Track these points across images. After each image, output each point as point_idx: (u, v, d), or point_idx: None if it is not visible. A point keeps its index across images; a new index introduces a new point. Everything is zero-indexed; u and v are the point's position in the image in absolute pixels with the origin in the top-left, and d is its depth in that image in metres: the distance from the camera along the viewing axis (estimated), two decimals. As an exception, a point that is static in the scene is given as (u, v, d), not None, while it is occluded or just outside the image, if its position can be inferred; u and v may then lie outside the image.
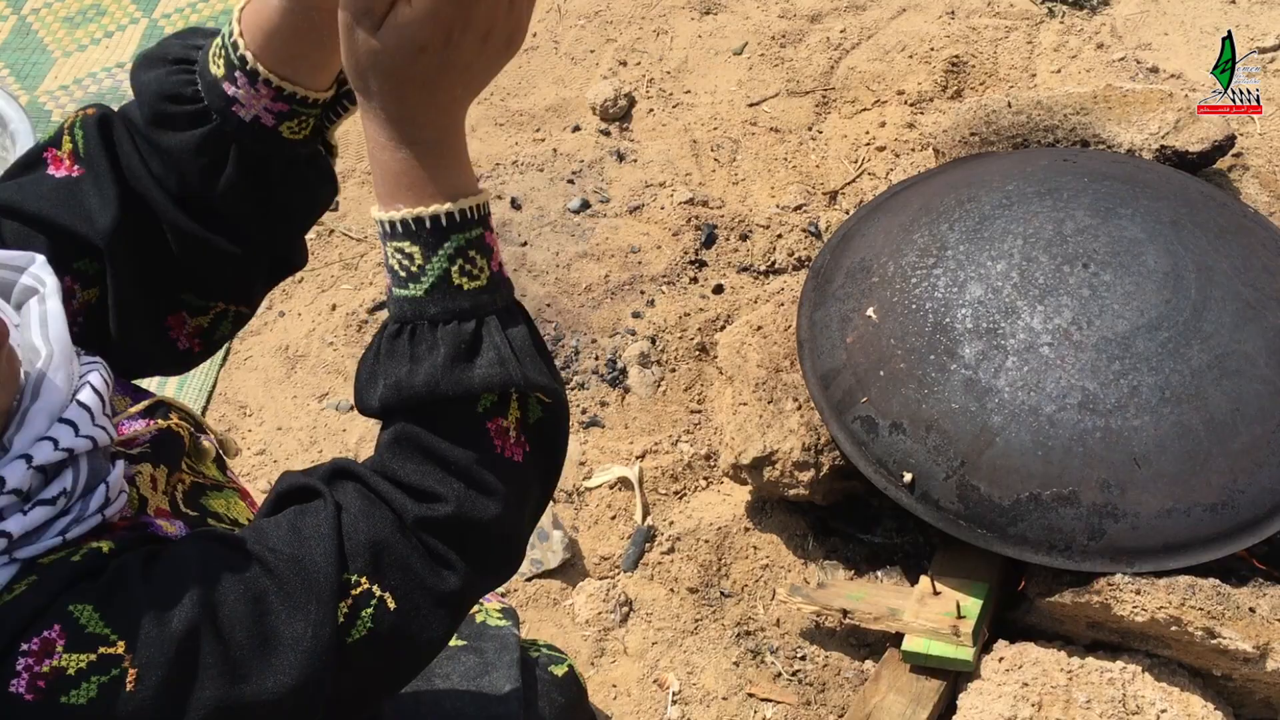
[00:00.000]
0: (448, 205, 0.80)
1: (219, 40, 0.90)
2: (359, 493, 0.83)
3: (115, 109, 0.95)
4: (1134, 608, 1.60)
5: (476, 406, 0.82)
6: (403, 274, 0.81)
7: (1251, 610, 1.58)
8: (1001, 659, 1.70)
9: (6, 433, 0.76)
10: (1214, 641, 1.57)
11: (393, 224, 0.80)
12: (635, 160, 2.59)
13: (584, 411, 2.22)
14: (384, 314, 2.50)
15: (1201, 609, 1.57)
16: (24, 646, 0.72)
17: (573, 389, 2.25)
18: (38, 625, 0.72)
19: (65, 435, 0.77)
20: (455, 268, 0.80)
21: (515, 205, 2.54)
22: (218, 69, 0.90)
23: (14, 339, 0.77)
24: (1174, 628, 1.59)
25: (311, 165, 0.98)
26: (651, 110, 2.69)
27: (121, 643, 0.73)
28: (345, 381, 2.34)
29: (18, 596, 0.73)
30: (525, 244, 2.47)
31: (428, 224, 0.79)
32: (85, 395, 0.80)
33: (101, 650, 0.73)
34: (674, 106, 2.69)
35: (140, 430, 0.91)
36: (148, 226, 0.93)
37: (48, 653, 0.72)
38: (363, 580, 0.80)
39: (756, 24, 2.80)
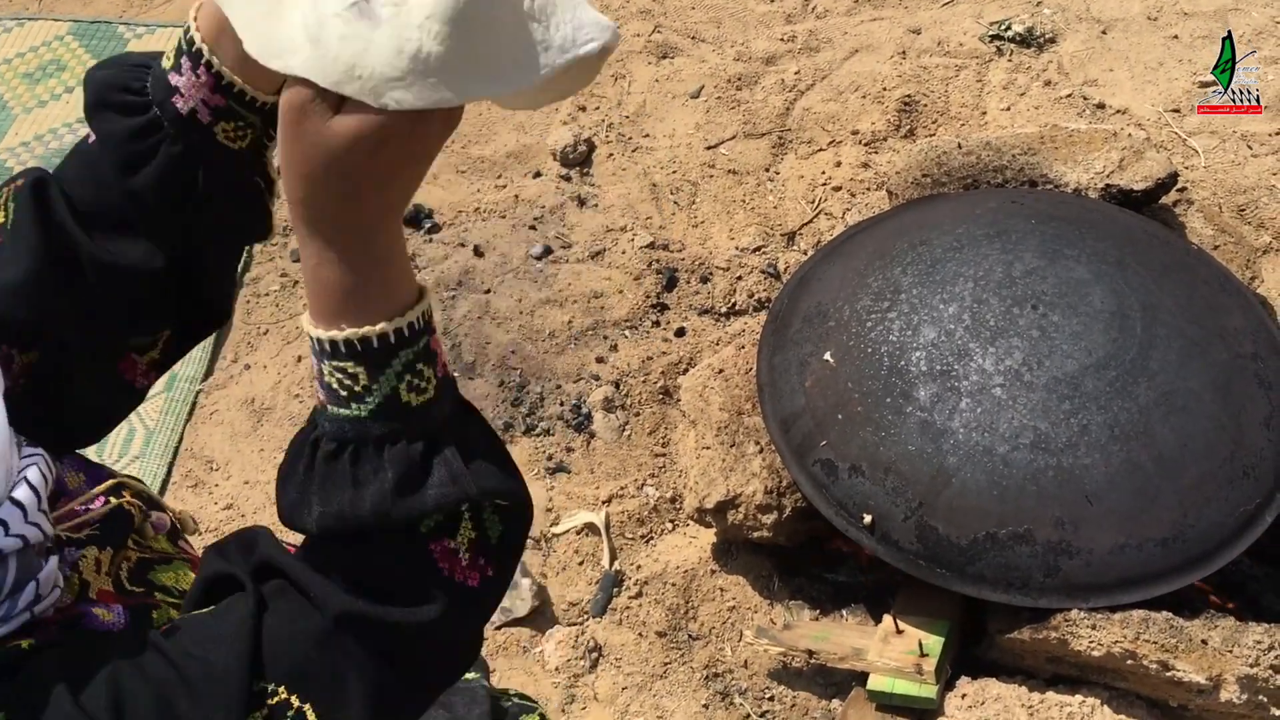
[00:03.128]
0: (395, 323, 0.74)
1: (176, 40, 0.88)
2: (286, 592, 0.78)
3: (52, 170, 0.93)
4: (1090, 642, 1.63)
5: (419, 528, 0.76)
6: (344, 394, 0.74)
7: (1204, 642, 1.61)
8: (964, 695, 1.73)
9: None
10: (1168, 674, 1.61)
11: (334, 344, 0.74)
12: (596, 205, 2.63)
13: (550, 458, 2.24)
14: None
15: (1155, 642, 1.61)
16: None
17: (538, 435, 2.27)
18: None
19: (7, 527, 0.73)
20: (403, 385, 0.75)
21: (478, 253, 2.56)
22: (168, 62, 0.87)
23: None
24: (1129, 661, 1.62)
25: (244, 187, 0.92)
26: (611, 155, 2.73)
27: None
28: (312, 433, 2.36)
29: None
30: (489, 291, 2.50)
31: (375, 343, 0.74)
32: (20, 492, 0.75)
33: None
34: (633, 151, 2.73)
35: (93, 512, 0.89)
36: (78, 284, 0.89)
37: None
38: (280, 690, 0.75)
39: (712, 67, 2.85)
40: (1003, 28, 2.80)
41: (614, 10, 3.02)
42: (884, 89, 2.71)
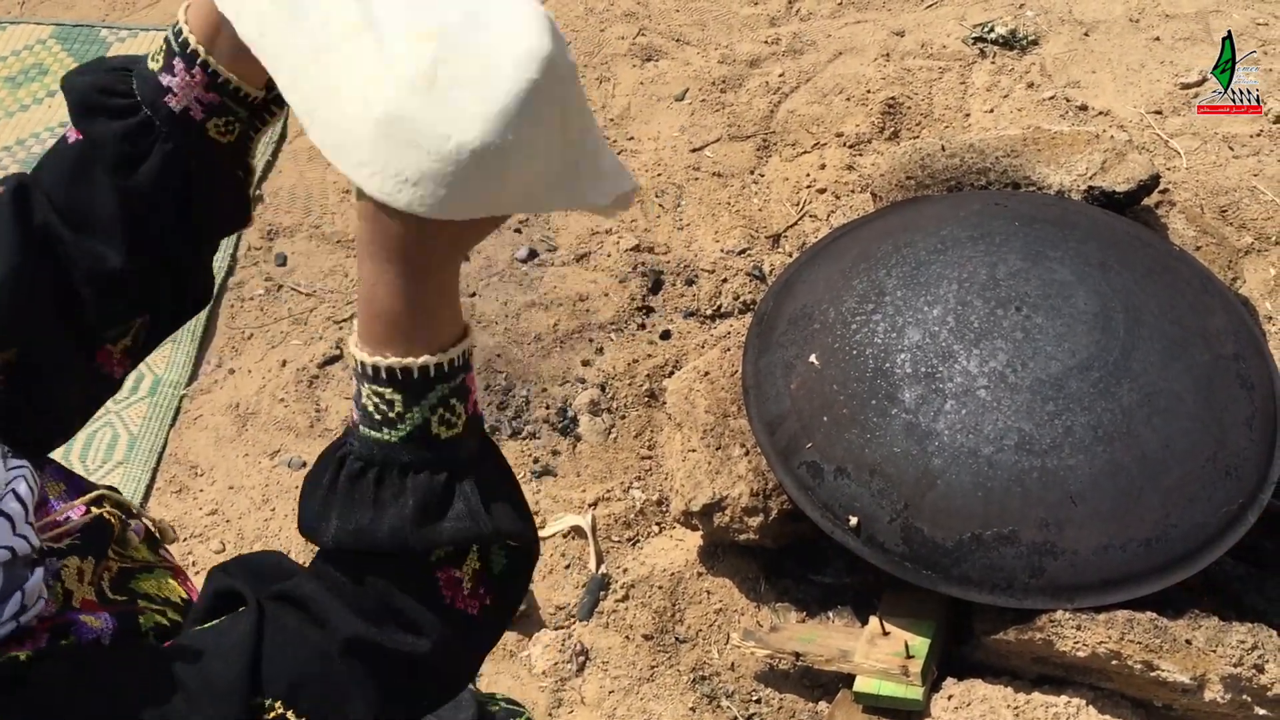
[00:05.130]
0: (439, 357, 0.76)
1: (161, 43, 0.91)
2: (289, 609, 0.81)
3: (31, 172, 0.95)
4: (1075, 643, 1.64)
5: (429, 556, 0.79)
6: (377, 417, 0.77)
7: (1188, 642, 1.62)
8: (950, 697, 1.74)
9: None
10: (1153, 674, 1.62)
11: (376, 369, 0.76)
12: (581, 208, 2.63)
13: (536, 461, 2.24)
14: (335, 369, 2.48)
15: (1140, 642, 1.62)
16: None
17: (524, 439, 2.27)
18: None
19: None
20: (435, 418, 0.77)
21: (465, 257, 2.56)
22: (156, 64, 0.90)
23: None
24: (1114, 661, 1.63)
25: (229, 177, 0.96)
26: (596, 158, 2.72)
27: None
28: (297, 438, 2.35)
29: None
30: (474, 294, 2.50)
31: (415, 374, 0.76)
32: (8, 504, 0.77)
33: None
34: (618, 153, 2.73)
35: (74, 521, 0.90)
36: (59, 282, 0.92)
37: None
38: (277, 705, 0.77)
39: (697, 70, 2.85)
40: (986, 30, 2.81)
41: (598, 13, 3.02)
42: (868, 91, 2.71)
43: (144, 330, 0.99)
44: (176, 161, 0.91)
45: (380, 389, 0.76)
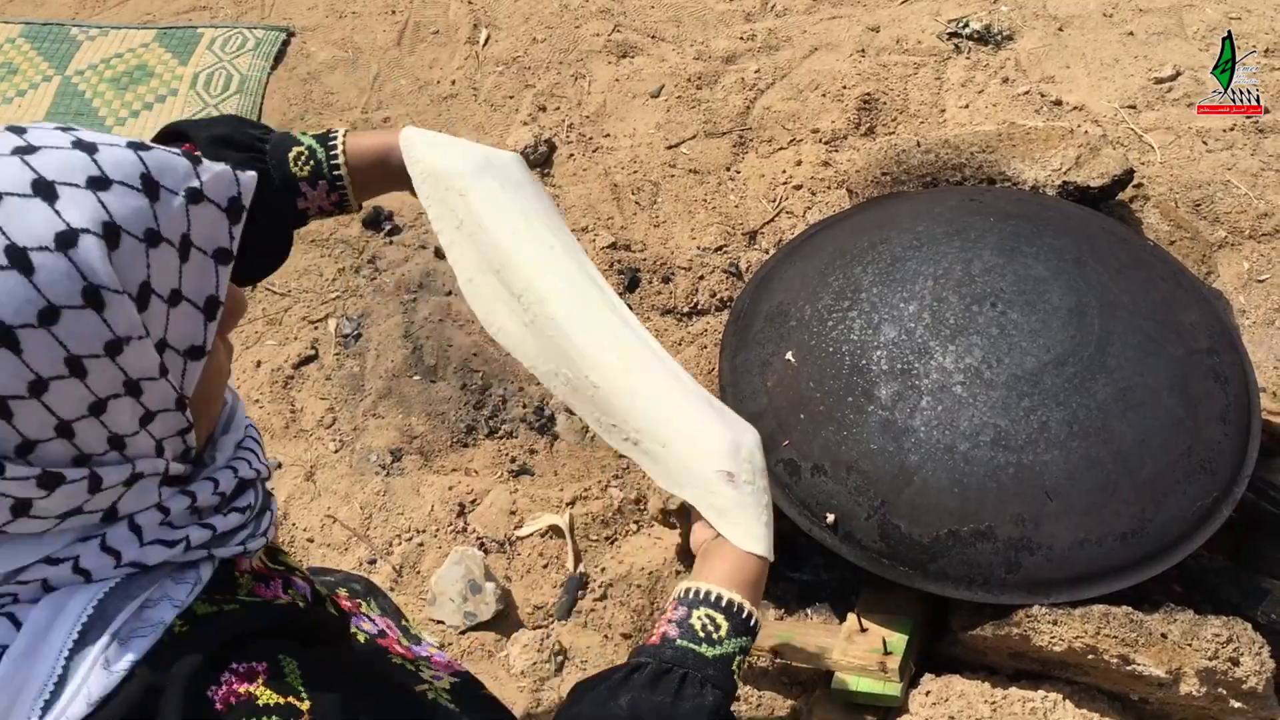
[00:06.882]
0: (759, 614, 1.05)
1: (305, 149, 1.18)
2: None
3: None
4: (1051, 638, 1.64)
5: None
6: (702, 634, 1.01)
7: (1164, 636, 1.63)
8: (928, 692, 1.74)
9: (208, 449, 0.91)
10: (1129, 668, 1.62)
11: (721, 598, 1.03)
12: (558, 206, 2.62)
13: (513, 460, 2.23)
14: (309, 370, 2.46)
15: (1116, 637, 1.62)
16: (235, 665, 0.83)
17: (501, 438, 2.26)
18: (249, 654, 0.84)
19: (251, 459, 0.93)
20: (738, 658, 1.02)
21: (439, 255, 2.55)
22: (301, 171, 1.18)
23: None
24: (1090, 656, 1.63)
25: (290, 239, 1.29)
26: (572, 155, 2.72)
27: (308, 702, 0.85)
28: (273, 439, 2.33)
29: (231, 613, 0.86)
30: (450, 293, 2.48)
31: (744, 617, 1.03)
32: (254, 433, 0.97)
33: (290, 700, 0.84)
34: (594, 151, 2.72)
35: None
36: None
37: (250, 678, 0.83)
38: None
39: (672, 66, 2.84)
40: (961, 25, 2.81)
41: (574, 9, 3.01)
42: (844, 87, 2.71)
43: None
44: (285, 234, 1.24)
45: (715, 614, 1.02)
